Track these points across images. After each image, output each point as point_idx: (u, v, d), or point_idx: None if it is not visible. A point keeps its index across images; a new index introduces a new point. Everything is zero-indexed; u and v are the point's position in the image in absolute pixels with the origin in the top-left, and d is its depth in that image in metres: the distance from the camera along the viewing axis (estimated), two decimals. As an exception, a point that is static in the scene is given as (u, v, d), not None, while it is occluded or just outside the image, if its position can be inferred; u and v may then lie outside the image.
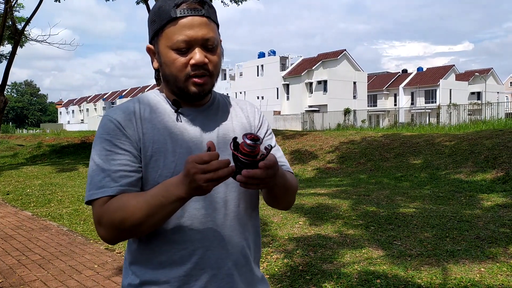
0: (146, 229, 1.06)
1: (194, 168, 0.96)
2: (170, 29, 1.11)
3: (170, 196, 1.01)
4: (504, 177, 8.17)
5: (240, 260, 1.18)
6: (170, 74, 1.14)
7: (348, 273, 3.77)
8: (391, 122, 30.06)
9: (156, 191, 1.04)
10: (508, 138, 10.02)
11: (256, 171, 0.98)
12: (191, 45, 1.10)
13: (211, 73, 1.14)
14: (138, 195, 1.06)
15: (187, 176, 0.98)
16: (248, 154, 0.99)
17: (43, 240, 5.40)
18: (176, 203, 1.02)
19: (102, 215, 1.07)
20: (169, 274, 1.12)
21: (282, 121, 37.70)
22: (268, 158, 1.00)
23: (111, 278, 4.04)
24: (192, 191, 0.99)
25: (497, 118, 19.99)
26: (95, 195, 1.08)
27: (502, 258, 3.99)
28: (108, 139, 1.11)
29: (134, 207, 1.03)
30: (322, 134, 15.55)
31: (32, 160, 18.05)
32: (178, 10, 1.09)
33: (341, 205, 6.38)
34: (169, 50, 1.12)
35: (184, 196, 1.01)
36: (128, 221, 1.03)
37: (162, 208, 1.02)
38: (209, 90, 1.17)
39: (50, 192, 9.02)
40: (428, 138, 12.11)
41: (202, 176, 0.95)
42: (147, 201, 1.03)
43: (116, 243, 1.11)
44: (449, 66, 55.95)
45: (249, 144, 0.98)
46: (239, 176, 1.00)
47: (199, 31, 1.10)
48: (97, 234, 1.12)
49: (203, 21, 1.11)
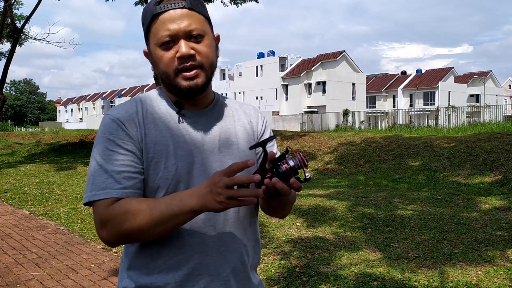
0: (151, 237, 1.04)
1: (220, 181, 0.94)
2: (154, 27, 1.10)
3: (184, 207, 0.99)
4: (502, 180, 8.18)
5: (238, 267, 1.16)
6: (161, 71, 1.12)
7: (345, 275, 3.77)
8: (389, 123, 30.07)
9: (170, 200, 1.02)
10: (506, 141, 10.03)
11: (285, 186, 1.01)
12: (175, 38, 1.09)
13: (201, 64, 1.10)
14: (148, 201, 1.04)
15: (208, 187, 0.96)
16: (294, 169, 1.02)
17: (40, 239, 5.38)
18: (188, 214, 1.00)
19: (107, 218, 1.04)
20: (165, 279, 1.10)
21: (281, 122, 37.72)
22: (297, 183, 1.02)
23: (107, 278, 4.03)
24: (208, 205, 0.97)
25: (496, 121, 20.01)
26: (97, 196, 1.05)
27: (499, 262, 3.99)
28: (110, 138, 1.09)
29: (145, 213, 1.01)
30: (321, 135, 15.56)
31: (30, 158, 18.01)
32: (159, 6, 1.09)
33: (338, 206, 6.38)
34: (157, 48, 1.11)
35: (198, 209, 0.99)
36: (137, 228, 1.01)
37: (174, 218, 1.00)
38: (205, 84, 1.13)
39: (48, 191, 8.99)
40: (426, 140, 12.12)
41: (225, 191, 0.94)
42: (159, 209, 1.01)
43: (117, 245, 1.08)
44: (448, 68, 56.04)
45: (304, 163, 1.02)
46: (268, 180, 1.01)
47: (180, 23, 1.08)
48: (98, 235, 1.08)
49: (183, 13, 1.09)
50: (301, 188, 1.04)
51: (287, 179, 1.02)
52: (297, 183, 1.01)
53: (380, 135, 14.46)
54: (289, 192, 1.02)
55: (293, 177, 1.02)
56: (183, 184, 1.10)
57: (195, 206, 0.98)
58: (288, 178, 1.02)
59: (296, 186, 1.01)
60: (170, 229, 1.04)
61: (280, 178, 1.02)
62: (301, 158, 1.02)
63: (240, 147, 1.21)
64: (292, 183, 1.01)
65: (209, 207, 0.97)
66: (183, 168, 1.10)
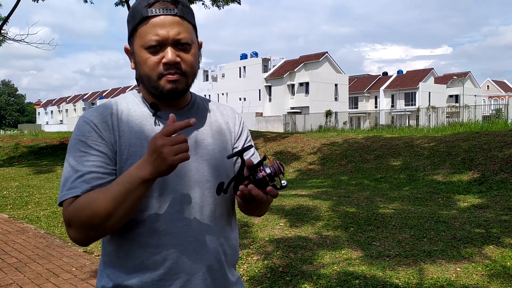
0: (115, 223, 1.04)
1: (162, 140, 0.97)
2: (142, 29, 1.11)
3: (134, 180, 1.00)
4: (480, 179, 8.35)
5: (214, 265, 1.17)
6: (144, 73, 1.13)
7: (327, 274, 3.81)
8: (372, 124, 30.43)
9: (120, 179, 1.03)
10: (484, 141, 10.25)
11: (261, 193, 1.06)
12: (163, 44, 1.10)
13: (185, 72, 1.13)
14: (104, 188, 1.05)
15: (153, 153, 0.98)
16: (270, 176, 1.06)
17: (20, 243, 5.29)
18: (142, 186, 1.01)
19: (70, 215, 1.05)
20: (143, 279, 1.11)
21: (264, 123, 37.80)
22: (274, 190, 1.07)
23: (88, 281, 3.98)
24: (158, 169, 0.99)
25: (474, 120, 20.39)
26: (66, 195, 1.07)
27: (478, 258, 4.08)
28: (83, 140, 1.10)
29: (100, 199, 1.01)
30: (304, 136, 15.65)
31: (9, 161, 17.67)
32: (151, 9, 1.10)
33: (321, 206, 6.43)
34: (142, 50, 1.11)
35: (149, 176, 1.00)
36: (96, 216, 1.01)
37: (128, 194, 1.01)
38: (184, 90, 1.15)
39: (28, 194, 8.84)
40: (407, 140, 12.29)
41: (171, 148, 0.97)
42: (112, 191, 1.02)
43: (88, 243, 1.09)
44: (428, 69, 56.97)
45: (280, 170, 1.05)
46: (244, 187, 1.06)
47: (170, 30, 1.09)
48: (68, 236, 1.10)
49: (175, 20, 1.10)
50: (277, 195, 1.08)
51: (264, 186, 1.07)
52: (274, 191, 1.06)
53: (362, 136, 14.61)
54: (264, 198, 1.07)
55: (269, 185, 1.07)
56: (158, 184, 1.11)
57: (145, 175, 1.00)
58: (265, 185, 1.07)
59: (272, 194, 1.07)
60: (130, 208, 1.04)
61: (257, 184, 1.06)
62: (278, 166, 1.06)
63: (216, 147, 1.22)
64: (269, 191, 1.06)
65: (159, 171, 0.99)
66: None
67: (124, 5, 17.50)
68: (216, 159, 1.20)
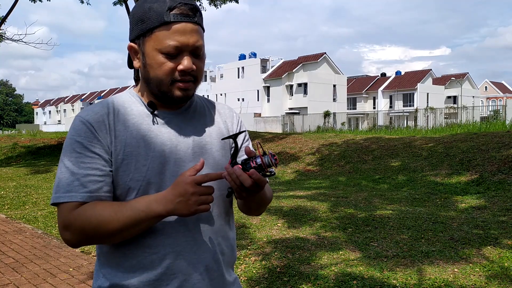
0: (117, 240, 1.07)
1: (193, 188, 0.99)
2: (161, 33, 1.09)
3: (150, 213, 1.02)
4: (478, 180, 8.36)
5: (212, 265, 1.17)
6: (155, 76, 1.12)
7: (325, 274, 3.80)
8: (370, 125, 30.44)
9: (136, 205, 1.04)
10: (482, 141, 10.26)
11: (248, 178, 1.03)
12: (181, 51, 1.10)
13: (196, 79, 1.15)
14: (115, 205, 1.05)
15: (180, 196, 1.00)
16: (261, 167, 1.05)
17: (17, 243, 5.28)
18: (155, 219, 1.04)
19: (70, 222, 1.05)
20: (140, 279, 1.11)
21: (263, 123, 37.79)
22: (262, 177, 1.05)
23: (86, 282, 3.97)
24: (178, 211, 1.02)
25: (472, 121, 20.41)
26: (61, 198, 1.06)
27: (475, 259, 4.08)
28: (79, 141, 1.09)
29: (110, 217, 1.02)
30: (302, 137, 15.65)
31: (7, 161, 17.63)
32: (172, 14, 1.08)
33: (319, 207, 6.43)
34: (158, 53, 1.10)
35: (166, 214, 1.03)
36: (102, 231, 1.03)
37: (140, 223, 1.03)
38: (192, 95, 1.17)
39: (25, 194, 8.82)
40: (405, 141, 12.30)
41: (199, 198, 1.00)
42: (124, 213, 1.03)
43: (80, 246, 1.10)
44: (426, 70, 57.06)
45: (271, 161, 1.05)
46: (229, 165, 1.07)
47: (190, 38, 1.10)
48: (61, 236, 1.09)
49: (194, 29, 1.10)
50: (265, 182, 1.06)
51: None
52: (257, 174, 1.03)
53: (360, 136, 14.62)
54: (250, 183, 1.04)
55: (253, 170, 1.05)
56: (155, 185, 1.11)
57: (161, 212, 1.02)
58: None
59: (255, 177, 1.03)
60: (136, 233, 1.06)
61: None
62: (270, 158, 1.06)
63: (214, 147, 1.21)
64: (251, 173, 1.03)
65: (179, 213, 1.02)
66: (154, 169, 1.11)
67: (122, 4, 17.45)
68: (214, 158, 1.20)
